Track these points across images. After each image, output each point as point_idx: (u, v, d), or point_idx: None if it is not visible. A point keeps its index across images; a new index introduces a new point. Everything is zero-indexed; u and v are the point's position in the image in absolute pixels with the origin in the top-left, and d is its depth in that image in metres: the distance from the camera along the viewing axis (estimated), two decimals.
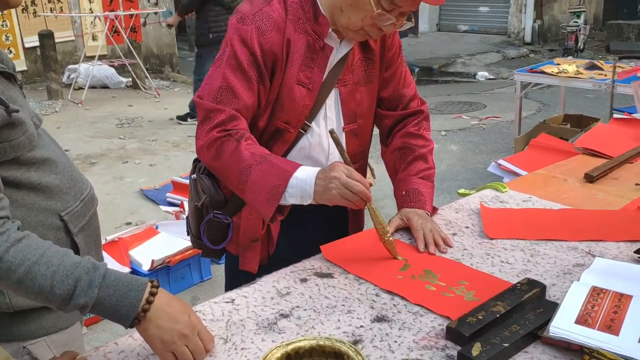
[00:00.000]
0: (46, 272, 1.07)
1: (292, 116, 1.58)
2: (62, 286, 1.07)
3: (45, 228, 1.23)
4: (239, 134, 1.49)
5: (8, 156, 1.16)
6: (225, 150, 1.49)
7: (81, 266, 1.10)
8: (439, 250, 1.56)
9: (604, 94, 5.38)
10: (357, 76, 1.63)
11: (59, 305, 1.10)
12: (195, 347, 1.14)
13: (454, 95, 8.63)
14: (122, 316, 1.10)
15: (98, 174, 5.47)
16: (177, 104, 8.06)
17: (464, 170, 5.42)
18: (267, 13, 1.51)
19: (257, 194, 1.47)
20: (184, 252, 3.44)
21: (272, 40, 1.51)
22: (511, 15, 12.19)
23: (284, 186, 1.44)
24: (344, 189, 1.40)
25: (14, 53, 9.05)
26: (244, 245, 1.70)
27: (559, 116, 5.25)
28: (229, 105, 1.51)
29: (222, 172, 1.55)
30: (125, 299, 1.10)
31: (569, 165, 2.24)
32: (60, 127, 7.02)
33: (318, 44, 1.55)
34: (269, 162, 1.46)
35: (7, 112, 1.11)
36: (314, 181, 1.43)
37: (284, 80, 1.54)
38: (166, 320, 1.12)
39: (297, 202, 1.46)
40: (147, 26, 10.22)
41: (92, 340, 3.00)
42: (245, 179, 1.47)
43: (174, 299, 1.17)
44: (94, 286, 1.08)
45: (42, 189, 1.23)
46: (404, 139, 1.74)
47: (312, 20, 1.54)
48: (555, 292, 1.35)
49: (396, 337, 1.20)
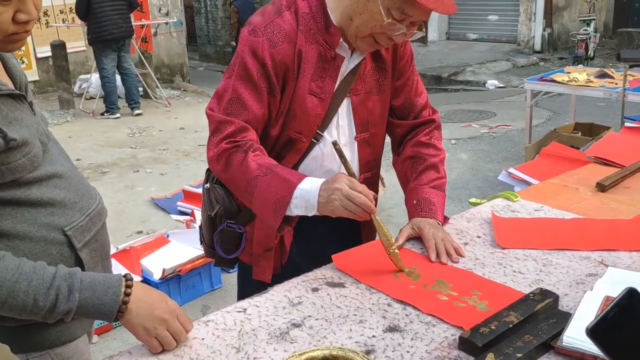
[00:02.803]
0: (27, 289, 1.14)
1: (305, 126, 1.58)
2: (45, 298, 1.15)
3: (48, 243, 1.23)
4: (247, 145, 1.51)
5: (6, 178, 1.16)
6: (233, 162, 1.51)
7: (58, 275, 1.17)
8: (451, 260, 1.55)
9: (614, 102, 5.35)
10: (369, 85, 1.64)
11: (43, 316, 1.17)
12: (176, 330, 1.22)
13: (464, 103, 8.61)
14: (105, 313, 1.19)
15: (109, 183, 5.51)
16: (188, 114, 8.11)
17: (475, 178, 5.40)
18: (278, 24, 1.53)
19: (264, 205, 1.49)
20: (195, 261, 3.45)
21: (284, 51, 1.52)
22: (521, 24, 12.17)
23: (289, 197, 1.45)
24: (346, 201, 1.40)
25: (27, 63, 9.16)
26: (257, 255, 1.70)
27: (570, 124, 5.23)
28: (238, 117, 1.53)
29: (231, 183, 1.58)
30: (105, 296, 1.18)
31: (581, 174, 2.23)
32: (72, 137, 7.07)
33: (329, 53, 1.56)
34: (274, 173, 1.48)
35: (5, 140, 1.12)
36: (318, 192, 1.44)
37: (296, 91, 1.56)
38: (145, 309, 1.21)
39: (302, 213, 1.48)
40: (158, 36, 10.30)
41: (103, 349, 3.01)
42: (252, 190, 1.49)
43: (149, 289, 1.27)
44: (74, 291, 1.16)
45: (43, 204, 1.23)
46: (415, 148, 1.74)
47: (324, 30, 1.55)
48: (568, 302, 1.34)
49: (408, 347, 1.20)
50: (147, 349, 1.22)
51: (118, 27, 7.59)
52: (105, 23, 7.49)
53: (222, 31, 13.99)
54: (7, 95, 1.18)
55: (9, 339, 1.24)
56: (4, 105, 1.16)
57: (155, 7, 10.34)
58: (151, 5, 10.07)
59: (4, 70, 1.25)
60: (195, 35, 14.92)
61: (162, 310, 1.22)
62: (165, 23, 10.18)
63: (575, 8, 12.32)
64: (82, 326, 1.34)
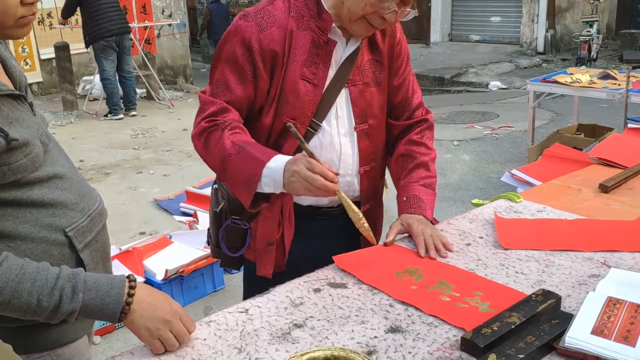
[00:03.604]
0: (31, 289, 1.14)
1: (298, 112, 1.60)
2: (49, 299, 1.15)
3: (49, 244, 1.24)
4: (226, 124, 1.55)
5: (7, 179, 1.17)
6: (211, 140, 1.56)
7: (62, 276, 1.17)
8: (440, 255, 1.57)
9: (617, 104, 5.34)
10: (366, 77, 1.67)
11: (47, 316, 1.17)
12: (179, 331, 1.22)
13: (466, 105, 8.60)
14: (108, 314, 1.19)
15: (112, 184, 5.52)
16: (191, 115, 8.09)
17: (477, 180, 5.40)
18: (269, 11, 1.58)
19: (236, 182, 1.53)
20: (198, 262, 3.45)
21: (272, 35, 1.56)
22: (523, 25, 12.16)
23: (258, 175, 1.48)
24: (305, 183, 1.43)
25: (30, 64, 9.19)
26: (260, 251, 1.72)
27: (573, 126, 5.23)
28: (221, 97, 1.59)
29: (210, 161, 1.62)
30: (108, 296, 1.18)
31: (583, 175, 2.23)
32: (75, 138, 7.08)
33: (322, 39, 1.59)
34: (246, 151, 1.51)
35: (6, 140, 1.13)
36: (282, 173, 1.46)
37: (287, 75, 1.58)
38: (149, 310, 1.21)
39: (272, 191, 1.50)
40: (161, 38, 10.32)
41: (106, 350, 3.01)
42: (225, 167, 1.53)
43: (153, 290, 1.26)
44: (78, 291, 1.16)
45: (45, 205, 1.23)
46: (406, 146, 1.77)
47: (316, 16, 1.59)
48: (570, 303, 1.34)
49: (410, 348, 1.20)
50: (149, 349, 1.22)
51: (115, 23, 7.56)
52: (102, 20, 7.45)
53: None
54: (8, 95, 1.18)
55: (10, 340, 1.23)
56: (4, 105, 1.16)
57: (158, 9, 10.36)
58: (154, 7, 10.09)
59: (4, 72, 1.25)
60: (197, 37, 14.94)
61: (165, 312, 1.22)
62: (168, 25, 10.19)
63: (578, 9, 12.31)
64: (83, 327, 1.34)
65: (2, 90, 1.16)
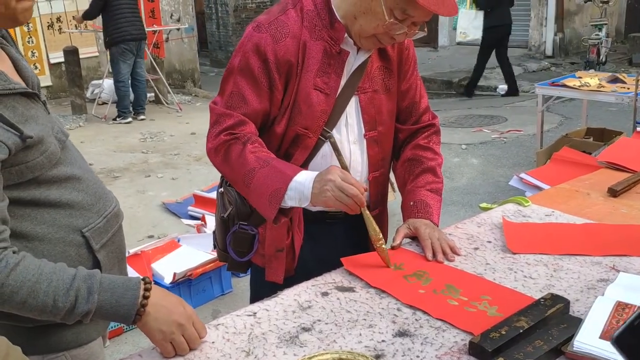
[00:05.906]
0: (47, 289, 1.14)
1: (311, 121, 1.60)
2: (65, 299, 1.15)
3: (66, 244, 1.25)
4: (246, 138, 1.55)
5: (26, 177, 1.18)
6: (232, 153, 1.55)
7: (78, 277, 1.17)
8: (447, 259, 1.57)
9: (626, 107, 5.32)
10: (375, 84, 1.67)
11: (62, 317, 1.17)
12: (191, 336, 1.23)
13: (475, 108, 8.59)
14: (123, 315, 1.19)
15: (121, 187, 5.54)
16: (199, 119, 8.14)
17: (486, 183, 5.38)
18: (282, 21, 1.56)
19: (260, 197, 1.53)
20: (205, 265, 3.46)
21: (287, 47, 1.55)
22: (532, 29, 12.12)
23: (284, 189, 1.48)
24: (338, 192, 1.43)
25: (40, 69, 9.24)
26: (269, 256, 1.72)
27: (581, 129, 5.20)
28: (238, 110, 1.58)
29: (229, 175, 1.61)
30: (123, 298, 1.19)
31: (592, 179, 2.22)
32: (84, 142, 7.12)
33: (334, 49, 1.59)
34: (271, 166, 1.51)
35: (21, 138, 1.14)
36: (312, 184, 1.47)
37: (300, 85, 1.58)
38: (163, 313, 1.22)
39: (295, 204, 1.51)
40: (170, 42, 10.36)
41: (114, 352, 3.02)
42: (249, 181, 1.53)
43: (167, 293, 1.27)
44: (93, 292, 1.17)
45: (62, 206, 1.24)
46: (413, 151, 1.77)
47: (328, 26, 1.58)
48: (579, 308, 1.33)
49: (418, 352, 1.20)
50: (158, 352, 1.22)
51: (136, 28, 7.62)
52: (124, 24, 7.48)
53: (234, 37, 14.04)
54: (21, 94, 1.20)
55: (25, 340, 1.25)
56: (18, 104, 1.18)
57: (167, 13, 10.40)
58: (163, 11, 10.13)
59: (16, 72, 1.26)
60: (207, 41, 14.98)
61: (180, 315, 1.23)
62: (176, 29, 10.23)
63: (586, 13, 12.26)
64: (98, 329, 1.35)
65: (15, 89, 1.18)
